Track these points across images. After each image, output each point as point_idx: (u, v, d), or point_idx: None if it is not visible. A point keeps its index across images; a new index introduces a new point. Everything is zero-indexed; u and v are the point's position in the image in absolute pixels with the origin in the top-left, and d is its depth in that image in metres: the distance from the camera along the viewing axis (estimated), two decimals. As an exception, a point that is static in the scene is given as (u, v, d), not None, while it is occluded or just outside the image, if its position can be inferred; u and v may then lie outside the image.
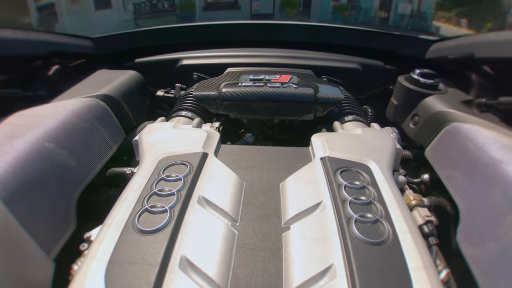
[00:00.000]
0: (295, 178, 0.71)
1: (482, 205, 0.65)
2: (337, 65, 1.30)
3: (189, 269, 0.50)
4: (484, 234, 0.61)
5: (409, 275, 0.48)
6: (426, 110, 1.00)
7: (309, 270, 0.50)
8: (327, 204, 0.61)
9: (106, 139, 0.93)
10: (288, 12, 9.83)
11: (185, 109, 1.08)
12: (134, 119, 1.18)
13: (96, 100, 0.97)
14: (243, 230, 0.59)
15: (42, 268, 0.61)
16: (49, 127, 0.78)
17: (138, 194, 0.63)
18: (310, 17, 9.42)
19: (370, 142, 0.82)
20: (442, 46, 1.22)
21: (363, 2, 10.17)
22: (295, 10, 9.93)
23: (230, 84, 1.07)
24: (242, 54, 1.34)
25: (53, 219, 0.68)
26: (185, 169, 0.69)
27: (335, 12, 10.03)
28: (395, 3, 10.11)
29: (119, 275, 0.48)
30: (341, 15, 10.02)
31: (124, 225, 0.56)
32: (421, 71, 1.09)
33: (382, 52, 1.36)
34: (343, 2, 10.31)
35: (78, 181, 0.78)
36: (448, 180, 0.78)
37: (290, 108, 1.03)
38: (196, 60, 1.34)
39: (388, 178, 0.68)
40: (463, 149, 0.78)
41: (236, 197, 0.66)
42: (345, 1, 10.35)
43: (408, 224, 0.57)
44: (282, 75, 1.13)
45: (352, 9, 10.31)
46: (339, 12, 10.09)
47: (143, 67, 1.36)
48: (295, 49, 1.38)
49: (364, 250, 0.51)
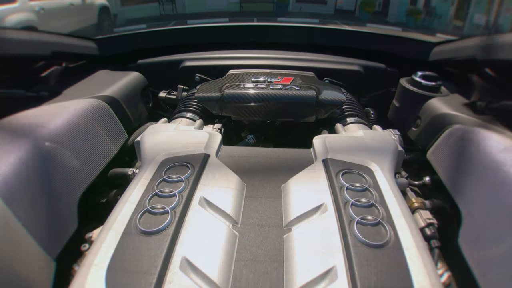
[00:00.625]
0: (296, 180, 0.71)
1: (484, 208, 0.64)
2: (339, 67, 1.30)
3: (190, 270, 0.50)
4: (486, 237, 0.61)
5: (411, 278, 0.48)
6: (428, 112, 0.99)
7: (310, 272, 0.49)
8: (328, 206, 0.61)
9: (108, 140, 0.93)
10: (366, 10, 10.17)
11: (187, 110, 1.08)
12: (136, 120, 1.18)
13: (98, 101, 0.97)
14: (244, 232, 0.59)
15: (43, 268, 0.61)
16: (52, 127, 0.78)
17: (139, 195, 0.63)
18: (388, 17, 9.67)
19: (372, 144, 0.82)
20: (444, 48, 1.22)
21: (439, 9, 10.27)
22: (372, 9, 10.35)
23: (232, 86, 1.07)
24: (244, 56, 1.34)
25: (55, 219, 0.68)
26: (187, 170, 0.69)
27: (409, 15, 10.19)
28: (471, 13, 10.09)
29: (120, 276, 0.48)
30: (414, 18, 10.14)
31: (125, 225, 0.56)
32: (423, 73, 1.09)
33: (384, 54, 1.36)
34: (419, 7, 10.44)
35: (80, 181, 0.78)
36: (450, 183, 0.78)
37: (292, 110, 1.02)
38: (198, 62, 1.35)
39: (389, 181, 0.68)
40: (465, 151, 0.77)
41: (238, 198, 0.66)
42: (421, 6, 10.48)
43: (410, 226, 0.56)
44: (284, 77, 1.13)
45: (427, 15, 10.40)
46: (412, 15, 10.23)
47: (146, 68, 1.36)
48: (297, 51, 1.38)
49: (365, 253, 0.51)
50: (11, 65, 1.07)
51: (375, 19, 9.43)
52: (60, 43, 1.18)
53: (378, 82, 1.34)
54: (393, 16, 10.10)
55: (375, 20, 9.29)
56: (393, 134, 0.98)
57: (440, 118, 0.93)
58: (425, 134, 0.99)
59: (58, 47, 1.15)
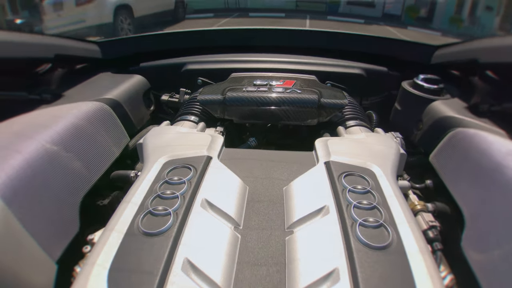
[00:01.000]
0: (298, 183, 0.70)
1: (487, 211, 0.64)
2: (341, 71, 1.30)
3: (192, 272, 0.50)
4: (488, 240, 0.60)
5: (413, 281, 0.47)
6: (431, 115, 0.99)
7: (312, 274, 0.49)
8: (330, 208, 0.61)
9: (110, 143, 0.94)
10: (410, 15, 10.54)
11: (190, 113, 1.09)
12: (139, 123, 1.18)
13: (101, 104, 0.98)
14: (246, 234, 0.59)
15: (44, 270, 0.61)
16: (54, 129, 0.78)
17: (141, 196, 0.63)
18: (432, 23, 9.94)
19: (374, 147, 0.82)
20: (446, 51, 1.22)
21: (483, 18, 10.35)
22: (416, 14, 10.62)
23: (234, 89, 1.08)
24: (246, 60, 1.35)
25: (57, 221, 0.68)
26: (189, 172, 0.70)
27: (452, 22, 10.37)
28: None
29: (122, 276, 0.48)
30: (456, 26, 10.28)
31: (128, 227, 0.56)
32: (425, 76, 1.09)
33: (386, 57, 1.36)
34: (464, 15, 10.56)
35: (82, 183, 0.78)
36: (453, 186, 0.78)
37: (294, 113, 1.03)
38: (201, 65, 1.35)
39: (392, 183, 0.68)
40: (467, 154, 0.77)
41: (240, 201, 0.66)
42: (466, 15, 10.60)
43: (412, 229, 0.56)
44: (286, 81, 1.14)
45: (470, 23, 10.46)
46: (454, 23, 10.38)
47: (148, 71, 1.37)
48: (299, 54, 1.38)
49: (367, 255, 0.51)
50: (14, 68, 1.08)
51: (419, 24, 9.59)
52: (63, 46, 1.19)
53: (380, 85, 1.34)
54: (437, 22, 10.27)
55: (418, 24, 9.46)
56: (395, 137, 0.98)
57: (442, 121, 0.93)
58: (428, 137, 0.99)
59: (61, 50, 1.16)
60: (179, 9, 8.66)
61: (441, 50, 1.24)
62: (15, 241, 0.57)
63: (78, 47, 1.28)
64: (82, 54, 1.30)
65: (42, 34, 1.13)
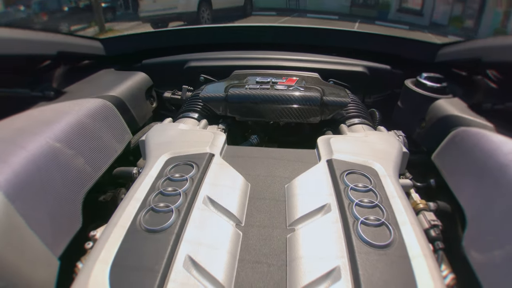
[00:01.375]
0: (300, 180, 0.70)
1: (489, 210, 0.64)
2: (344, 69, 1.29)
3: (193, 268, 0.50)
4: (490, 240, 0.60)
5: (414, 279, 0.47)
6: (433, 114, 0.99)
7: (314, 272, 0.49)
8: (332, 206, 0.61)
9: (113, 140, 0.94)
10: (455, 25, 10.63)
11: (192, 110, 1.09)
12: (141, 120, 1.18)
13: (103, 101, 0.98)
14: (247, 231, 0.59)
15: (47, 266, 0.62)
16: (57, 126, 0.79)
17: (144, 193, 0.64)
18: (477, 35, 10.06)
19: (376, 145, 0.82)
20: (450, 50, 1.21)
21: None
22: (461, 24, 10.69)
23: (237, 86, 1.08)
24: (249, 57, 1.35)
25: (59, 217, 0.68)
26: (191, 169, 0.70)
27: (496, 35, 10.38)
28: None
29: (123, 272, 0.48)
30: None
31: (130, 223, 0.56)
32: (428, 75, 1.09)
33: (389, 55, 1.35)
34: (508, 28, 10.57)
35: (84, 180, 0.78)
36: (455, 185, 0.78)
37: (296, 111, 1.03)
38: (203, 62, 1.35)
39: (394, 182, 0.68)
40: (470, 153, 0.77)
41: (241, 198, 0.66)
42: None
43: (414, 228, 0.56)
44: (289, 78, 1.13)
45: None
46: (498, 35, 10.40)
47: (151, 68, 1.37)
48: (302, 52, 1.38)
49: (369, 253, 0.51)
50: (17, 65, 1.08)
51: (464, 34, 9.64)
52: (66, 43, 1.19)
53: (383, 83, 1.34)
54: (482, 34, 10.29)
55: (462, 34, 9.52)
56: (397, 136, 0.97)
57: (445, 120, 0.93)
58: (430, 136, 0.99)
59: (64, 47, 1.16)
60: (247, 5, 10.24)
61: (445, 48, 1.24)
62: (18, 236, 0.58)
63: (81, 44, 1.29)
64: (85, 51, 1.31)
65: (45, 31, 1.12)
